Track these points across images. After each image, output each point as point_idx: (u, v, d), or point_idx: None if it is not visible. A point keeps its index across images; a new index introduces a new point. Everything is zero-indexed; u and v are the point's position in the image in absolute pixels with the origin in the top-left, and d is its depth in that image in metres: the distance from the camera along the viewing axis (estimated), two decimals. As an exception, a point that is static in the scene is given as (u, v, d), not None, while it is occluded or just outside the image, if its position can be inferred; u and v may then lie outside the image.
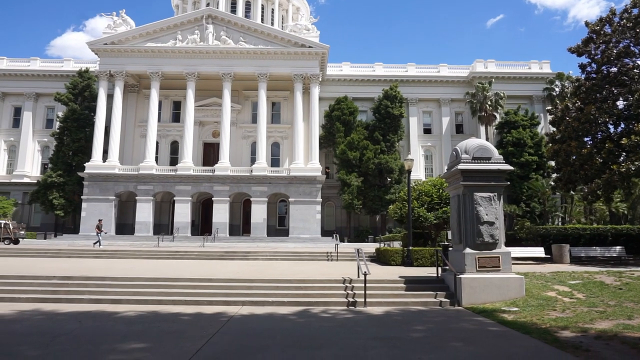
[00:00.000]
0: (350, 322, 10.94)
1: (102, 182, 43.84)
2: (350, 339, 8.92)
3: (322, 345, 8.30)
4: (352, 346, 8.33)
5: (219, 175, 44.14)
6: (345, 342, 8.67)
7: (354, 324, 10.72)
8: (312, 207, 43.85)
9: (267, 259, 24.99)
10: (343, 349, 8.05)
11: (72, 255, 26.25)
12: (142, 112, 49.31)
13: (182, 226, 43.12)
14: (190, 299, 12.92)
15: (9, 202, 46.26)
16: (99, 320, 10.55)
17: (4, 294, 13.29)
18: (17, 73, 52.54)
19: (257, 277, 15.16)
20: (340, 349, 8.02)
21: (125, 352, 7.64)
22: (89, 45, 46.93)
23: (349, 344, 8.47)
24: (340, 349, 8.02)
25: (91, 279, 14.58)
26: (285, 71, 46.71)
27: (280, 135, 50.10)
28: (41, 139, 52.05)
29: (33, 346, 7.88)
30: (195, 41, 46.53)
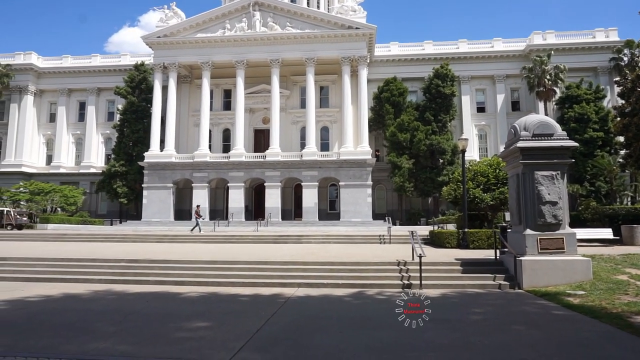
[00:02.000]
0: (406, 304, 10.86)
1: (160, 171, 45.87)
2: (407, 321, 8.86)
3: (379, 327, 8.32)
4: (409, 328, 8.25)
5: (270, 161, 44.89)
6: (403, 323, 8.62)
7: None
8: (362, 191, 43.68)
9: (319, 242, 25.26)
10: (401, 331, 8.01)
11: (136, 240, 27.77)
12: (194, 102, 50.84)
13: (236, 211, 44.39)
14: (247, 281, 13.33)
15: (78, 191, 49.55)
16: (164, 300, 11.13)
17: (79, 276, 14.33)
18: (81, 70, 55.67)
19: (311, 260, 15.37)
20: (398, 331, 8.00)
21: (190, 330, 8.02)
22: (143, 39, 48.73)
23: (407, 326, 8.42)
24: (398, 331, 8.00)
25: (155, 262, 15.38)
26: (332, 54, 46.37)
27: (329, 120, 50.06)
28: (104, 131, 55.09)
29: (109, 323, 8.46)
30: (243, 29, 47.10)
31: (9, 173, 52.40)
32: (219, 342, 7.18)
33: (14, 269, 15.46)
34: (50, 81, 56.13)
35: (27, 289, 12.62)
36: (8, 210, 39.69)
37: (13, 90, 54.02)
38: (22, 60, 55.21)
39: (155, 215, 44.55)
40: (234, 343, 7.05)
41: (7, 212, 39.55)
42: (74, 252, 19.04)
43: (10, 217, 38.89)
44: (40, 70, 55.82)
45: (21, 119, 54.46)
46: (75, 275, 14.38)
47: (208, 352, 6.58)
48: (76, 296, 11.61)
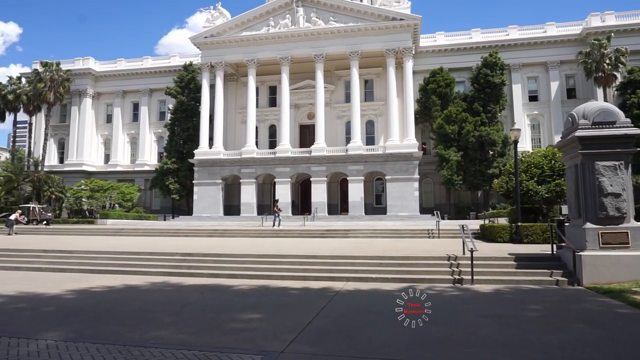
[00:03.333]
0: (458, 299, 10.66)
1: (209, 167, 47.26)
2: (460, 316, 8.69)
3: (431, 322, 8.16)
4: (462, 323, 8.11)
5: (315, 156, 45.14)
6: (455, 319, 8.46)
7: (461, 301, 10.43)
8: (409, 185, 43.06)
9: (366, 237, 25.19)
10: (454, 326, 7.87)
11: (188, 234, 28.84)
12: (241, 99, 51.91)
13: (283, 206, 44.86)
14: (297, 275, 13.51)
15: (134, 188, 51.98)
16: (217, 293, 11.49)
17: (137, 268, 15.06)
18: (133, 72, 58.19)
19: (359, 254, 15.35)
20: (450, 326, 7.86)
21: (244, 321, 8.23)
22: (191, 40, 50.22)
23: (459, 321, 8.26)
24: (450, 326, 7.86)
25: (208, 256, 15.89)
26: (376, 47, 45.87)
27: (374, 113, 49.64)
28: (156, 130, 57.40)
29: (167, 313, 8.84)
30: (287, 25, 47.49)
31: (71, 172, 55.75)
32: (271, 333, 7.32)
33: (79, 261, 16.46)
34: (107, 84, 59.11)
35: (91, 280, 13.41)
36: (33, 207, 42.73)
37: (73, 93, 57.34)
38: (81, 66, 58.47)
39: (205, 211, 46.00)
40: (286, 335, 7.17)
41: (32, 208, 42.60)
42: (131, 245, 20.03)
43: (35, 212, 41.70)
44: (97, 74, 58.87)
45: (81, 121, 57.73)
46: (134, 268, 15.12)
47: (262, 343, 6.73)
48: (136, 287, 12.21)
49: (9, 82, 55.35)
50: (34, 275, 14.41)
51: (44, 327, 7.62)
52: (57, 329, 7.52)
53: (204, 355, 6.06)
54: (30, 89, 53.04)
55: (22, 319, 8.36)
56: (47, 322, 8.11)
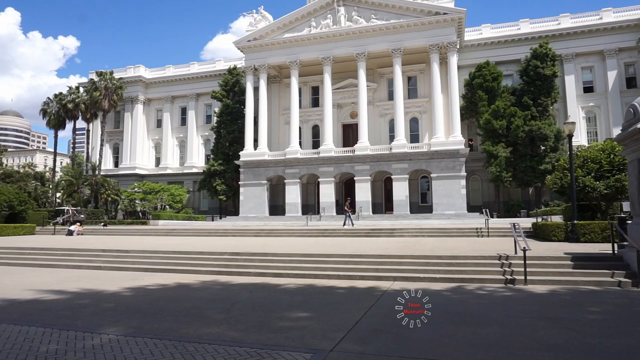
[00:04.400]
0: (511, 300, 10.28)
1: (254, 169, 48.17)
2: (514, 318, 8.38)
3: (483, 323, 7.95)
4: (516, 325, 7.82)
5: (359, 155, 44.97)
6: (509, 320, 8.17)
7: (515, 302, 10.05)
8: (456, 182, 42.04)
9: (412, 236, 24.82)
10: (507, 328, 7.60)
11: (235, 234, 29.51)
12: (284, 101, 52.55)
13: (327, 206, 45.17)
14: (343, 274, 13.51)
15: (183, 189, 53.83)
16: (265, 291, 11.68)
17: (188, 267, 15.57)
18: (181, 78, 60.26)
19: (406, 253, 15.15)
20: (504, 327, 7.59)
21: (292, 319, 8.33)
22: (235, 44, 51.35)
23: (513, 323, 7.97)
24: (504, 327, 7.59)
25: (255, 255, 16.19)
26: (420, 43, 45.12)
27: (418, 110, 48.85)
28: (203, 133, 59.17)
29: (217, 311, 9.09)
30: (328, 25, 47.61)
31: (125, 175, 58.50)
32: (320, 332, 7.36)
33: (134, 260, 17.23)
34: (156, 90, 61.56)
35: (146, 278, 14.00)
36: (67, 209, 45.19)
37: (126, 100, 60.14)
38: (132, 73, 61.21)
39: (251, 211, 46.94)
40: (334, 333, 7.19)
41: (66, 210, 45.17)
42: (182, 245, 20.74)
43: (68, 214, 43.97)
44: (147, 81, 61.42)
45: (133, 126, 60.43)
46: (185, 267, 15.65)
47: (311, 341, 6.78)
48: (187, 285, 12.63)
49: (69, 92, 58.84)
50: (94, 274, 15.21)
51: (106, 323, 8.03)
52: (117, 324, 7.91)
53: (255, 352, 6.18)
54: (87, 98, 56.12)
55: (86, 314, 8.86)
56: (108, 317, 8.55)
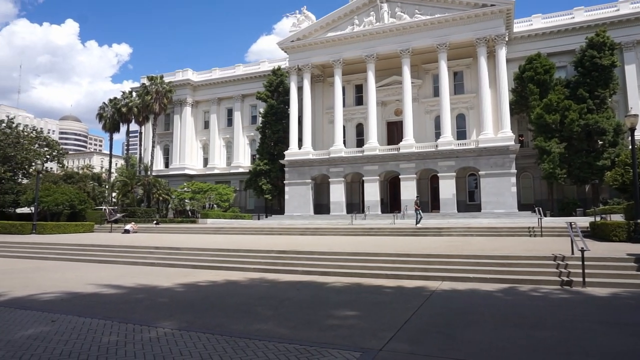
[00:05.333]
0: (568, 302, 9.81)
1: (299, 168, 48.59)
2: (572, 321, 7.98)
3: (538, 325, 7.63)
4: (575, 329, 7.45)
5: (404, 153, 44.36)
6: (566, 324, 7.79)
7: (572, 305, 9.58)
8: (505, 180, 40.58)
9: (460, 235, 24.20)
10: (565, 332, 7.25)
11: (281, 232, 29.89)
12: (328, 100, 52.67)
13: (372, 204, 44.86)
14: (390, 273, 13.37)
15: (230, 189, 55.12)
16: (312, 289, 11.75)
17: (236, 264, 15.93)
18: (227, 80, 61.74)
19: (454, 253, 14.79)
20: (562, 331, 7.25)
21: (340, 318, 8.33)
22: (279, 45, 51.99)
23: (571, 327, 7.59)
24: (562, 331, 7.25)
25: (301, 253, 16.33)
26: (466, 37, 43.90)
27: (464, 106, 47.56)
28: (248, 133, 60.34)
29: (266, 307, 9.24)
30: (371, 23, 47.25)
31: (175, 175, 60.66)
32: (368, 330, 7.32)
33: (185, 257, 17.84)
34: (203, 92, 63.39)
35: (197, 274, 14.45)
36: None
37: (175, 103, 62.33)
38: (181, 77, 63.33)
39: (296, 210, 47.39)
40: (383, 332, 7.13)
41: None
42: (230, 243, 21.25)
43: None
44: (195, 84, 63.37)
45: (182, 128, 62.55)
46: (233, 264, 16.02)
47: (360, 340, 6.76)
48: (236, 282, 12.93)
49: (122, 96, 61.70)
50: (148, 270, 15.88)
51: (160, 317, 8.36)
52: (171, 318, 8.21)
53: (305, 349, 6.23)
54: (139, 102, 58.60)
55: (142, 308, 9.26)
56: (162, 312, 8.89)
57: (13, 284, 12.44)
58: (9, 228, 33.95)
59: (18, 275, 14.47)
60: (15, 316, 8.45)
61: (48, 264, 18.29)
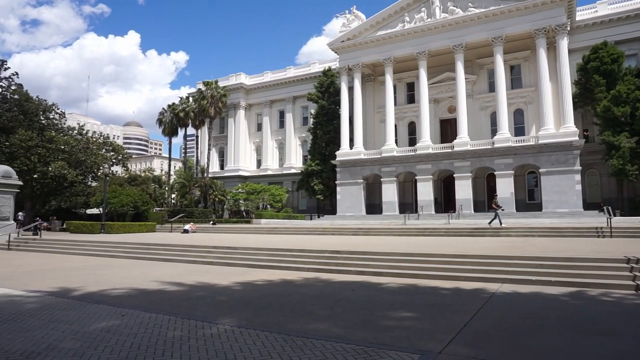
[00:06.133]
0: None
1: (350, 168, 48.53)
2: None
3: (613, 333, 7.15)
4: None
5: (458, 151, 43.16)
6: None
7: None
8: (569, 177, 38.43)
9: (520, 235, 23.19)
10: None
11: (334, 233, 29.98)
12: (379, 99, 52.25)
13: (426, 204, 43.99)
14: (446, 274, 13.04)
15: (282, 190, 56.03)
16: (367, 290, 11.68)
17: (291, 264, 16.15)
18: (278, 82, 62.86)
19: (514, 254, 14.18)
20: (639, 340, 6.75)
21: (396, 319, 8.23)
22: (329, 45, 52.22)
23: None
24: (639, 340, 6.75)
25: (355, 253, 16.29)
26: (523, 29, 42.04)
27: (522, 101, 45.54)
28: (300, 134, 61.09)
29: (321, 307, 9.30)
30: (423, 19, 46.35)
31: (230, 177, 62.53)
32: (426, 332, 7.17)
33: (241, 256, 18.30)
34: (256, 95, 64.90)
35: (253, 273, 14.79)
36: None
37: (229, 107, 64.25)
38: (234, 81, 65.21)
39: (348, 210, 47.37)
40: (442, 335, 6.96)
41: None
42: (284, 243, 21.58)
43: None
44: (248, 87, 65.01)
45: (236, 131, 64.36)
46: (288, 264, 16.24)
47: (417, 342, 6.63)
48: (291, 282, 13.10)
49: (180, 102, 64.40)
50: (206, 268, 16.45)
51: (220, 314, 8.63)
52: (230, 316, 8.45)
53: (362, 349, 6.20)
54: (195, 106, 60.91)
55: (203, 305, 9.61)
56: (222, 309, 9.18)
57: (86, 280, 13.32)
58: (81, 228, 36.39)
59: (90, 272, 15.47)
60: (89, 310, 9.05)
61: (115, 261, 19.42)
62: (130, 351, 6.19)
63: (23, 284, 12.61)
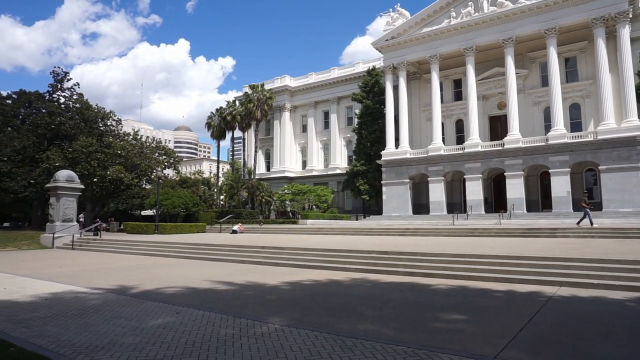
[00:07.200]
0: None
1: (396, 167, 47.92)
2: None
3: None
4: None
5: (509, 148, 41.58)
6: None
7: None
8: (632, 175, 36.06)
9: (579, 236, 22.03)
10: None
11: (380, 233, 29.71)
12: (425, 97, 51.29)
13: (475, 204, 42.71)
14: (499, 276, 12.60)
15: (328, 190, 56.16)
16: (416, 291, 11.49)
17: (338, 264, 16.16)
18: (322, 83, 63.10)
19: (573, 256, 13.48)
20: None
21: (447, 321, 8.03)
22: (373, 45, 51.83)
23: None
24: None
25: (403, 254, 16.07)
26: (579, 19, 39.92)
27: (579, 95, 43.22)
28: (345, 135, 61.02)
29: (370, 308, 9.23)
30: (470, 14, 45.05)
31: (276, 178, 63.44)
32: (479, 336, 6.96)
33: (288, 257, 18.52)
34: (301, 97, 65.48)
35: (300, 273, 14.92)
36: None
37: (275, 109, 65.20)
38: (279, 84, 66.12)
39: (394, 210, 46.79)
40: (496, 339, 6.72)
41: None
42: (330, 243, 21.62)
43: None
44: (292, 89, 65.72)
45: (282, 132, 65.22)
46: (335, 264, 16.26)
47: (470, 346, 6.44)
48: (338, 282, 13.10)
49: (227, 105, 66.04)
50: (255, 268, 16.77)
51: (270, 313, 8.77)
52: (280, 315, 8.57)
53: (413, 352, 6.09)
54: (242, 110, 62.26)
55: (252, 304, 9.80)
56: (271, 308, 9.32)
57: (142, 279, 13.94)
58: (137, 228, 38.12)
59: (145, 271, 16.18)
60: (146, 307, 9.46)
61: (168, 261, 20.20)
62: (185, 347, 6.40)
63: (87, 282, 13.38)
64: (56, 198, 33.64)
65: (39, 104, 49.79)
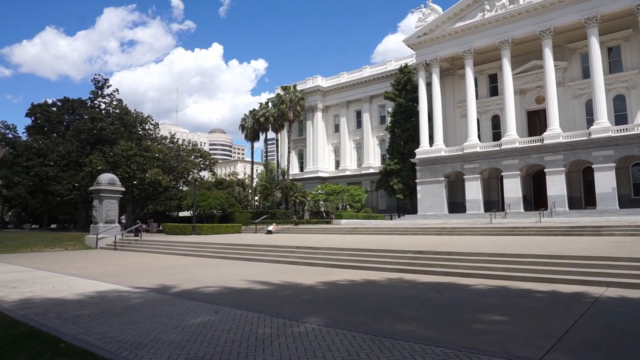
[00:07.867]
0: None
1: (431, 166, 47.20)
2: None
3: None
4: None
5: (548, 144, 40.20)
6: None
7: None
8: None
9: (626, 235, 21.02)
10: None
11: (416, 232, 29.31)
12: (459, 93, 50.29)
13: (513, 202, 41.52)
14: (541, 276, 12.19)
15: (361, 190, 55.90)
16: (454, 291, 11.27)
17: (373, 264, 16.05)
18: (354, 83, 62.90)
19: (621, 255, 12.89)
20: None
21: (487, 322, 7.83)
22: (405, 42, 51.25)
23: None
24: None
25: (439, 254, 15.80)
26: (622, 6, 38.19)
27: (623, 86, 41.30)
28: (378, 134, 60.60)
29: (407, 308, 9.13)
30: (505, 6, 43.85)
31: (309, 178, 63.69)
32: (522, 338, 6.75)
33: (323, 256, 18.54)
34: (332, 97, 65.49)
35: (335, 273, 14.91)
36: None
37: (307, 110, 65.49)
38: (311, 84, 66.37)
39: (429, 209, 46.10)
40: (540, 341, 6.50)
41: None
42: (365, 243, 21.51)
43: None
44: (324, 90, 65.82)
45: (314, 133, 65.43)
46: (370, 264, 16.17)
47: (513, 348, 6.26)
48: (374, 282, 13.01)
49: (260, 107, 66.86)
50: (290, 268, 16.88)
51: (307, 313, 8.80)
52: (316, 315, 8.59)
53: (453, 353, 5.98)
54: (275, 111, 62.89)
55: (289, 304, 9.86)
56: (308, 308, 9.36)
57: (181, 278, 14.29)
58: (175, 229, 39.14)
59: (184, 271, 16.58)
60: (186, 306, 9.69)
61: (206, 260, 20.63)
62: (225, 346, 6.52)
63: (129, 281, 13.84)
64: (99, 200, 34.99)
65: (82, 111, 51.95)
